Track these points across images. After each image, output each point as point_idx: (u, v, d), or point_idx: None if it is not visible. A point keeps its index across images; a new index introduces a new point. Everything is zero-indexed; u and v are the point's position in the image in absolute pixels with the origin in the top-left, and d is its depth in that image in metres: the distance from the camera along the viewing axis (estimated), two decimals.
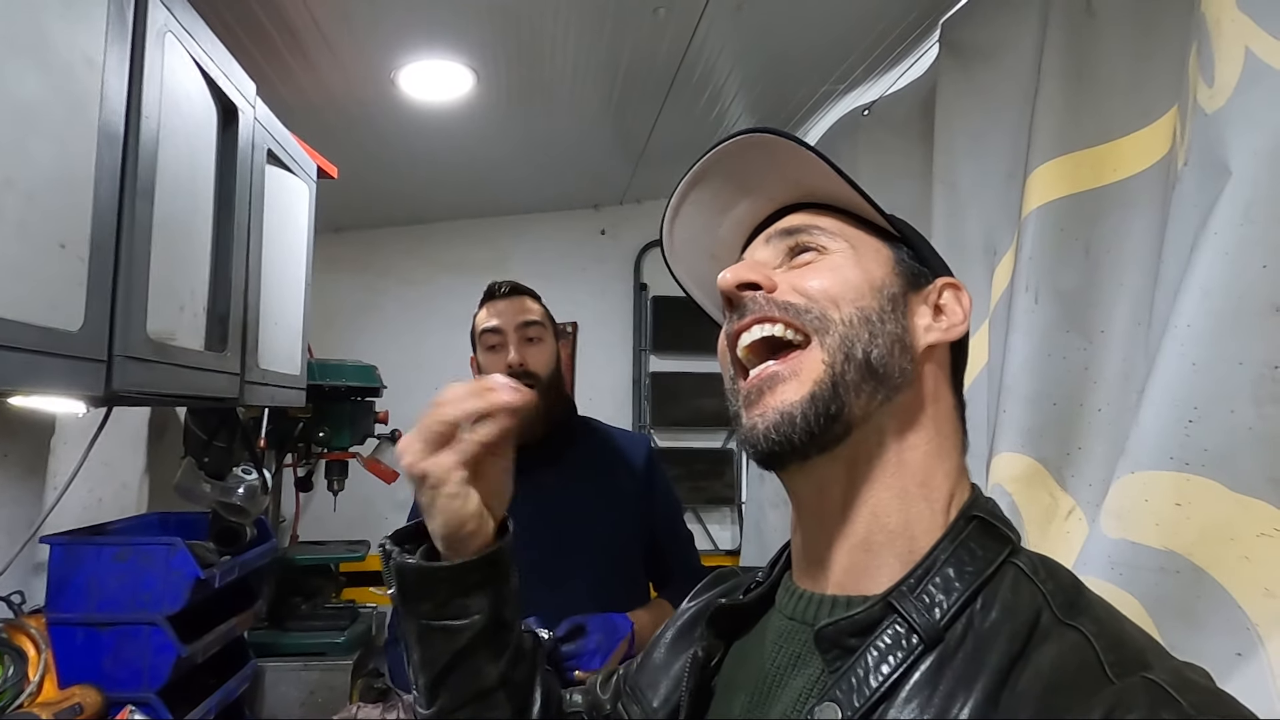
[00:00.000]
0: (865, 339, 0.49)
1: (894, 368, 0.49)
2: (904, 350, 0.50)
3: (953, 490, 0.50)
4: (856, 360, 0.48)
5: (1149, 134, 1.07)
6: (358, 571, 2.32)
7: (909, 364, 0.50)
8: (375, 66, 1.61)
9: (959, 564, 0.45)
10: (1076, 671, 0.38)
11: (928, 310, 0.53)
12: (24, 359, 0.69)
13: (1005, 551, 0.46)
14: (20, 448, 1.30)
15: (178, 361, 0.96)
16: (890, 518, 0.49)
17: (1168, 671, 0.37)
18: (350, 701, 1.70)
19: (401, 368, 2.36)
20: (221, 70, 1.08)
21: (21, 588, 1.24)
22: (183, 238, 1.00)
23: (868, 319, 0.49)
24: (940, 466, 0.50)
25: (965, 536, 0.47)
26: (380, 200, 2.58)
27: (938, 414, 0.52)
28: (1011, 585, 0.44)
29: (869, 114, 1.84)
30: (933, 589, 0.45)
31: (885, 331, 0.50)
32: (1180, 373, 0.78)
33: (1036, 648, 0.40)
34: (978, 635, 0.42)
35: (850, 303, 0.50)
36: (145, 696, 1.19)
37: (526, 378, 1.29)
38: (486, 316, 1.35)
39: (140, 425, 1.73)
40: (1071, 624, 0.41)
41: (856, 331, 0.49)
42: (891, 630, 0.44)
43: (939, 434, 0.51)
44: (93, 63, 0.78)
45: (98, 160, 0.79)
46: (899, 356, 0.50)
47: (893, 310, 0.51)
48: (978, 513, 0.48)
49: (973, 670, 0.41)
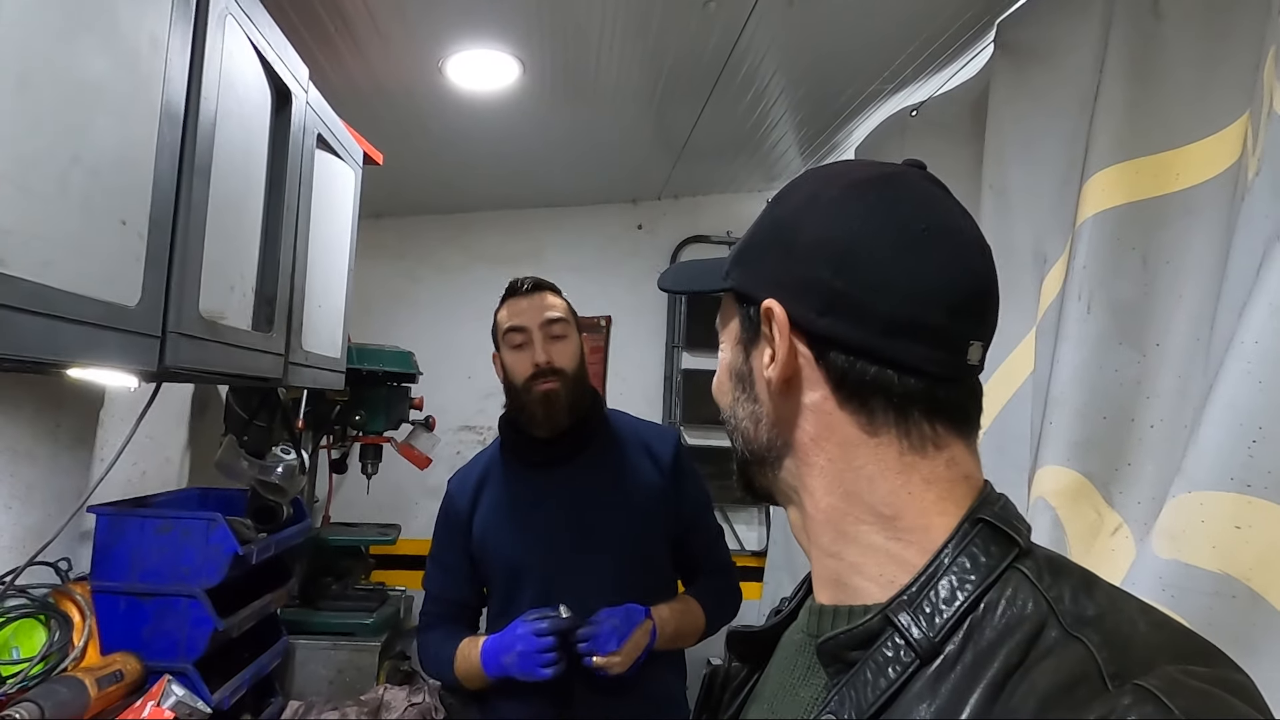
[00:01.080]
0: (735, 437, 0.56)
1: (759, 446, 0.53)
2: (759, 423, 0.53)
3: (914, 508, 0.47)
4: (739, 451, 0.56)
5: (1216, 142, 1.04)
6: (388, 555, 2.35)
7: (771, 434, 0.52)
8: (424, 55, 1.62)
9: (961, 571, 0.44)
10: (1074, 684, 0.38)
11: (767, 354, 0.51)
12: (84, 332, 0.71)
13: (1011, 556, 0.45)
14: (71, 419, 1.34)
15: (227, 340, 0.97)
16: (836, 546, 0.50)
17: (1161, 677, 0.36)
18: (377, 683, 1.72)
19: (434, 356, 2.38)
20: (277, 54, 1.10)
21: (68, 555, 1.27)
22: (235, 219, 1.01)
23: (731, 422, 0.56)
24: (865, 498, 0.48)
25: (969, 541, 0.46)
26: (421, 188, 2.61)
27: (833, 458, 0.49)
28: (1015, 593, 0.43)
29: (917, 115, 1.81)
30: (933, 598, 0.44)
31: (741, 420, 0.55)
32: (1246, 391, 0.76)
33: (1037, 662, 0.40)
34: (976, 647, 0.42)
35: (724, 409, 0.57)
36: (183, 667, 1.22)
37: (553, 375, 1.29)
38: (509, 315, 1.34)
39: (184, 402, 1.77)
40: (1076, 636, 0.40)
41: (731, 432, 0.56)
42: (889, 644, 0.44)
43: (846, 474, 0.49)
44: (157, 43, 0.80)
45: (159, 139, 0.80)
46: (758, 432, 0.53)
47: (743, 393, 0.54)
48: (984, 515, 0.47)
49: (969, 683, 0.40)
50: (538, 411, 1.30)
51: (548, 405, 1.29)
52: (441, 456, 2.32)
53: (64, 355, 0.69)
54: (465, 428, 2.81)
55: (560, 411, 1.30)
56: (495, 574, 1.34)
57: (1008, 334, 1.36)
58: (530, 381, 1.29)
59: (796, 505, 0.53)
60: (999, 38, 1.46)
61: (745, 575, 1.48)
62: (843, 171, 0.52)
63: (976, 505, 0.48)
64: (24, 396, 1.22)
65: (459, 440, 2.78)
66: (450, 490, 1.41)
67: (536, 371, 1.29)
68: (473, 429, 2.82)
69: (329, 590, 1.92)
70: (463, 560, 1.36)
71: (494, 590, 1.36)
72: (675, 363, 2.84)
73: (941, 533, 0.47)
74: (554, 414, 1.30)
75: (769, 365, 0.50)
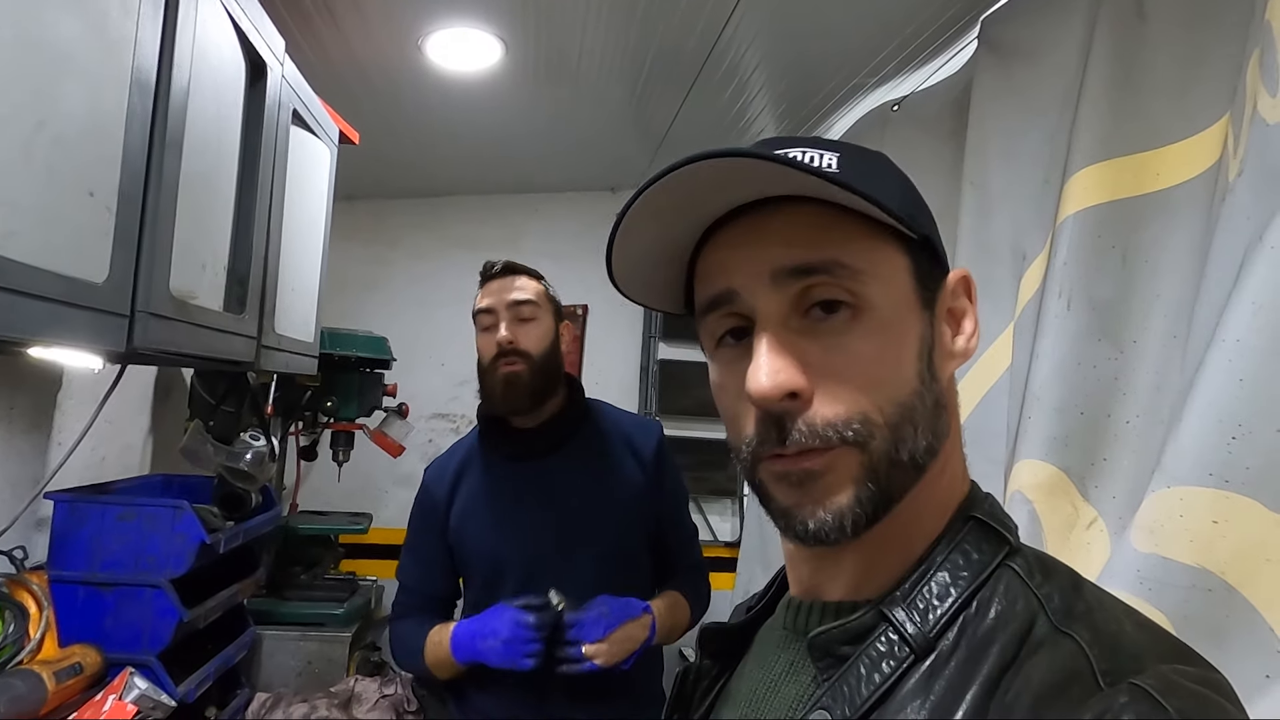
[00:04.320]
0: (910, 437, 0.43)
1: (938, 439, 0.45)
2: (940, 409, 0.46)
3: (955, 491, 0.48)
4: (901, 462, 0.43)
5: (1197, 142, 1.05)
6: (358, 544, 2.31)
7: (944, 421, 0.46)
8: (404, 31, 1.58)
9: (954, 568, 0.44)
10: (1068, 681, 0.38)
11: (946, 328, 0.48)
12: (48, 308, 0.67)
13: (1002, 553, 0.45)
14: (27, 401, 1.28)
15: (197, 321, 0.94)
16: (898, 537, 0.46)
17: (1156, 676, 0.36)
18: (348, 674, 1.69)
19: (406, 342, 2.33)
20: (253, 23, 1.05)
21: (23, 543, 1.22)
22: (207, 194, 0.97)
23: (911, 414, 0.43)
24: (951, 475, 0.48)
25: (961, 538, 0.46)
26: (395, 170, 2.55)
27: (954, 431, 0.48)
28: (1006, 591, 0.43)
29: (898, 109, 1.82)
30: (927, 594, 0.44)
31: (926, 410, 0.44)
32: (1227, 388, 0.77)
33: (1029, 657, 0.40)
34: (970, 643, 0.41)
35: (891, 400, 0.43)
36: (146, 659, 1.18)
37: (516, 356, 1.26)
38: (480, 297, 1.31)
39: (147, 385, 1.71)
40: (1066, 631, 0.40)
41: (900, 433, 0.43)
42: (883, 639, 0.43)
43: (953, 447, 0.48)
44: (128, 8, 0.76)
45: (129, 108, 0.77)
46: (939, 422, 0.45)
47: (929, 370, 0.45)
48: (975, 513, 0.47)
49: (964, 679, 0.40)
50: (497, 392, 1.27)
51: (508, 387, 1.26)
52: (414, 445, 2.28)
53: (25, 333, 0.65)
54: (438, 415, 2.77)
55: (521, 395, 1.26)
56: (473, 567, 1.31)
57: (985, 329, 1.37)
58: (494, 362, 1.26)
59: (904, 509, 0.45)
60: (983, 34, 1.47)
61: (718, 566, 1.48)
62: None
63: (967, 502, 0.48)
64: None
65: (431, 428, 2.74)
66: (426, 480, 1.38)
67: (499, 352, 1.26)
68: (445, 417, 2.78)
69: (298, 580, 1.87)
70: (438, 551, 1.34)
71: (471, 582, 1.34)
72: (652, 353, 2.83)
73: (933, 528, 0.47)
74: (514, 397, 1.27)
75: (962, 337, 0.47)
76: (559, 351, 1.33)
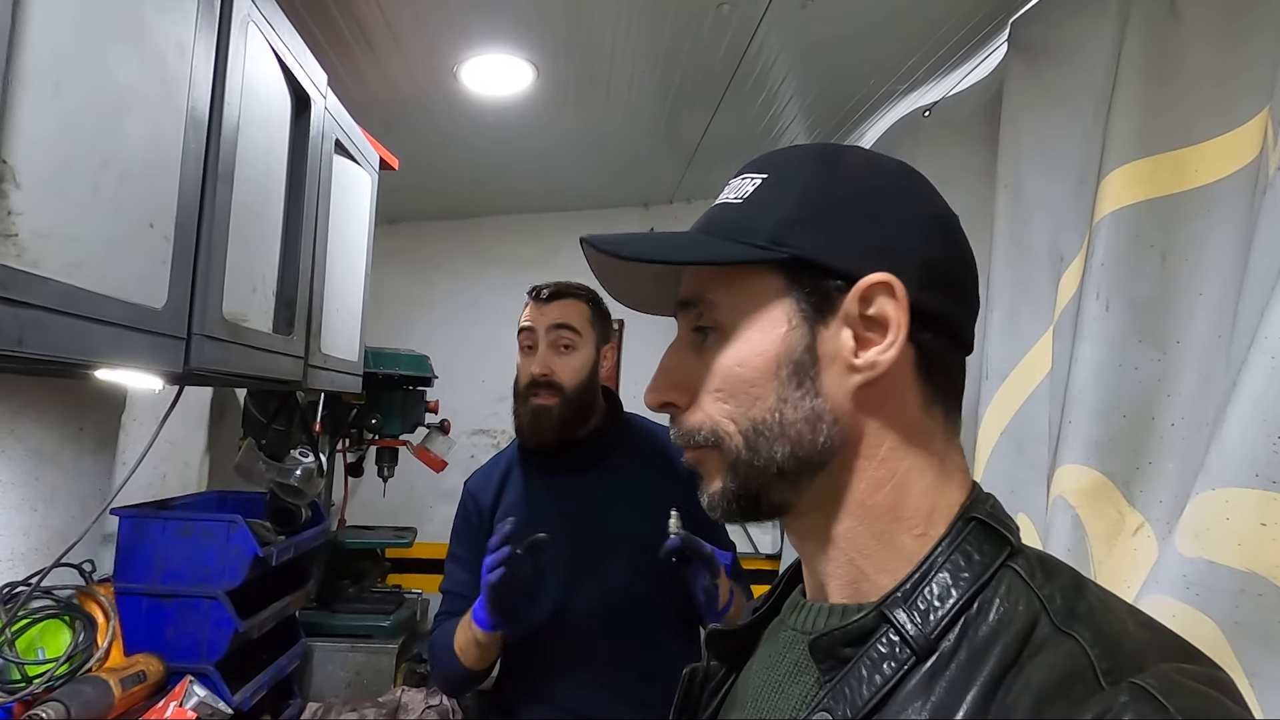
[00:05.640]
0: (765, 446, 0.46)
1: (810, 451, 0.46)
2: (818, 424, 0.46)
3: (934, 502, 0.47)
4: (758, 467, 0.47)
5: (1235, 138, 1.03)
6: (404, 558, 2.36)
7: (831, 432, 0.46)
8: (439, 60, 1.63)
9: (955, 569, 0.44)
10: (1069, 681, 0.38)
11: (849, 336, 0.46)
12: (112, 333, 0.72)
13: (1003, 554, 0.45)
14: (94, 423, 1.35)
15: (249, 343, 0.99)
16: (869, 548, 0.47)
17: (1158, 675, 0.36)
18: (394, 685, 1.73)
19: (447, 360, 2.39)
20: (297, 59, 1.11)
21: (92, 557, 1.29)
22: (256, 222, 1.03)
23: (763, 426, 0.46)
24: (912, 491, 0.47)
25: (963, 539, 0.45)
26: (434, 193, 2.62)
27: (893, 447, 0.47)
28: (1007, 591, 0.43)
29: (930, 115, 1.81)
30: (928, 595, 0.44)
31: (790, 422, 0.46)
32: (1270, 387, 0.75)
33: (1031, 658, 0.40)
34: (972, 644, 0.41)
35: (743, 413, 0.47)
36: (204, 668, 1.23)
37: (549, 389, 1.26)
38: (525, 315, 1.33)
39: (203, 405, 1.79)
40: (1068, 632, 0.40)
41: (752, 442, 0.47)
42: (884, 640, 0.43)
43: (900, 464, 0.47)
44: (183, 49, 0.81)
45: (184, 144, 0.82)
46: (813, 435, 0.46)
47: (797, 388, 0.46)
48: (976, 514, 0.46)
49: (965, 680, 0.40)
50: (525, 422, 1.28)
51: (535, 420, 1.27)
52: (456, 460, 2.32)
53: (93, 356, 0.70)
54: (479, 431, 2.82)
55: (548, 430, 1.27)
56: None
57: (1024, 333, 1.36)
58: (527, 389, 1.28)
59: (823, 512, 0.48)
60: (1013, 36, 1.46)
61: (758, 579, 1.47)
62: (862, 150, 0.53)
63: (969, 503, 0.48)
64: (48, 400, 1.24)
65: (473, 444, 2.79)
66: (470, 488, 1.40)
67: (533, 381, 1.27)
68: (486, 433, 2.83)
69: (345, 593, 1.93)
70: (482, 555, 1.36)
71: None
72: None
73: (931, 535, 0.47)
74: (540, 431, 1.27)
75: (875, 349, 0.45)
76: (596, 379, 1.34)
